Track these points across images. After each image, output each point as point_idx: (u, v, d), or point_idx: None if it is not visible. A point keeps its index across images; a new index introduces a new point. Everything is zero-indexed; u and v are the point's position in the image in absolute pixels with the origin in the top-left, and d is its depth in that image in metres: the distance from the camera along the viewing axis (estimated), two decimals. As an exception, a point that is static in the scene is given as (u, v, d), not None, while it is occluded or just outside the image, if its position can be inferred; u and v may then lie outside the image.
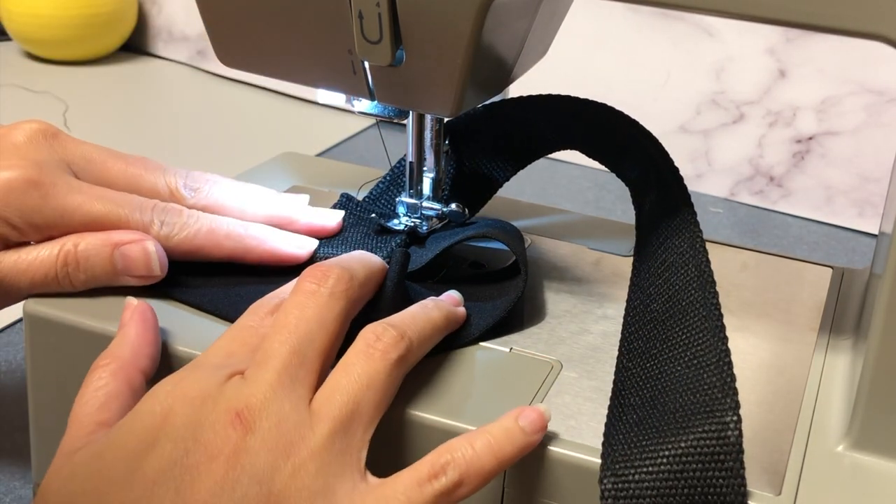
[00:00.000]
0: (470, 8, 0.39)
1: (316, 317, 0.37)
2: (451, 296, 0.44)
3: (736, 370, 0.42)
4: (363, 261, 0.41)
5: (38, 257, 0.43)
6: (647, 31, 0.91)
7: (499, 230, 0.47)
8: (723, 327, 0.38)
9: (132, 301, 0.41)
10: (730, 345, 0.44)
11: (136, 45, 1.22)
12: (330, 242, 0.48)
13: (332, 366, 0.37)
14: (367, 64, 0.44)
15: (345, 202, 0.51)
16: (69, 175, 0.45)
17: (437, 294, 0.44)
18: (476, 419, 0.38)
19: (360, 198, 0.51)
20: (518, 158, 0.51)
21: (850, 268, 0.52)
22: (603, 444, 0.36)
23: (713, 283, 0.40)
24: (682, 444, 0.35)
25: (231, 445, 0.34)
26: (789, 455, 0.37)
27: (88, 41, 1.15)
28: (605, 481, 0.35)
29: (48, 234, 0.43)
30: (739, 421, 0.35)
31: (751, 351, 0.44)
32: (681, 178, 0.46)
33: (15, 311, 0.46)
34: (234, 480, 0.33)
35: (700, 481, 0.34)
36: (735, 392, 0.36)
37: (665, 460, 0.35)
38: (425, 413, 0.38)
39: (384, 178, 0.52)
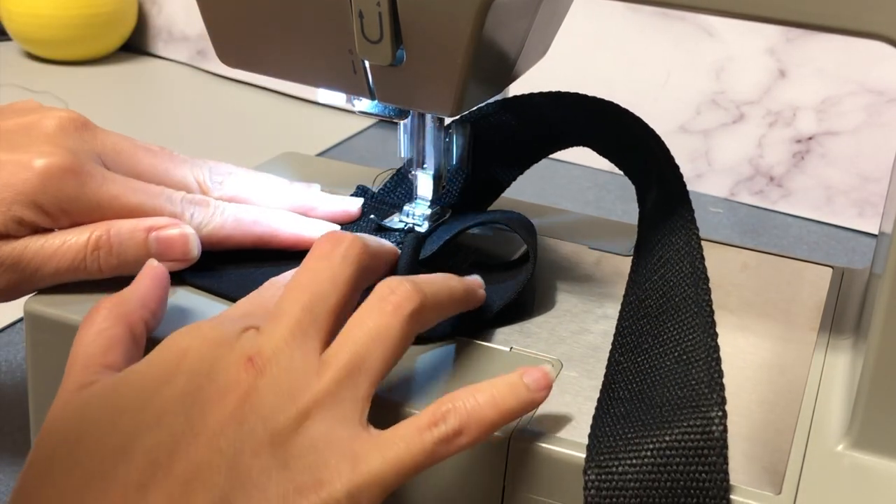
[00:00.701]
0: (470, 8, 0.39)
1: (328, 277, 0.38)
2: (475, 278, 0.44)
3: (736, 370, 0.42)
4: (376, 238, 0.43)
5: (66, 242, 0.43)
6: (647, 31, 0.91)
7: (509, 219, 0.48)
8: (713, 323, 0.38)
9: (153, 262, 0.42)
10: (730, 344, 0.44)
11: (136, 45, 1.22)
12: (348, 229, 0.49)
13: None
14: (367, 63, 0.44)
15: (360, 193, 0.52)
16: (101, 165, 0.45)
17: None
18: (476, 419, 0.38)
19: (375, 189, 0.53)
20: (528, 155, 0.52)
21: (850, 268, 0.52)
22: (589, 435, 0.36)
23: (706, 279, 0.41)
24: (667, 438, 0.35)
25: (243, 386, 0.35)
26: (789, 455, 0.37)
27: (88, 41, 1.15)
28: (588, 473, 0.35)
29: (79, 222, 0.44)
30: (724, 416, 0.35)
31: (751, 351, 0.44)
32: (681, 177, 0.46)
33: (15, 311, 0.46)
34: (241, 416, 0.34)
35: (683, 475, 0.34)
36: (721, 388, 0.36)
37: (649, 453, 0.35)
38: (425, 413, 0.38)
39: (398, 171, 0.53)
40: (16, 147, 0.43)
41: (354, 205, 0.51)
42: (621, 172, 0.51)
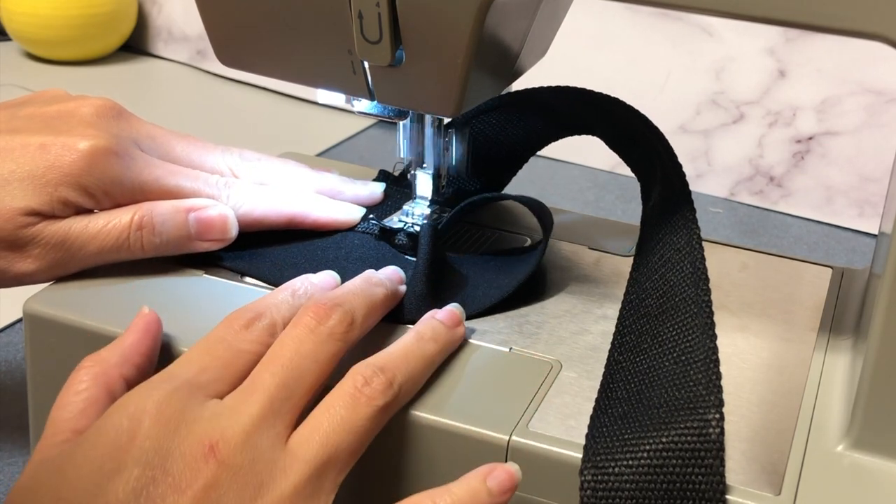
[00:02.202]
0: (470, 8, 0.39)
1: (311, 353, 0.37)
2: (453, 311, 0.43)
3: (736, 370, 0.42)
4: (366, 295, 0.41)
5: (109, 222, 0.44)
6: (647, 31, 0.91)
7: (524, 197, 0.50)
8: (712, 325, 0.38)
9: (144, 309, 0.41)
10: (730, 345, 0.44)
11: (136, 45, 1.22)
12: (374, 210, 0.51)
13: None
14: (366, 64, 0.44)
15: (382, 178, 0.54)
16: (140, 150, 0.46)
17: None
18: (476, 419, 0.38)
19: (396, 174, 0.54)
20: (538, 139, 0.53)
21: (850, 268, 0.52)
22: (586, 435, 0.36)
23: (706, 280, 0.41)
24: (664, 440, 0.35)
25: (202, 480, 0.33)
26: (789, 455, 0.37)
27: (88, 41, 1.15)
28: (584, 473, 0.35)
29: (121, 203, 0.45)
30: (721, 419, 0.35)
31: (751, 351, 0.44)
32: (683, 175, 0.46)
33: (15, 311, 0.46)
34: None
35: (679, 477, 0.34)
36: (719, 390, 0.36)
37: (645, 454, 0.35)
38: (425, 413, 0.38)
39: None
40: (58, 131, 0.44)
41: (380, 188, 0.52)
42: (621, 172, 0.51)
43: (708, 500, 0.34)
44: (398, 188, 0.53)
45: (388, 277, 0.43)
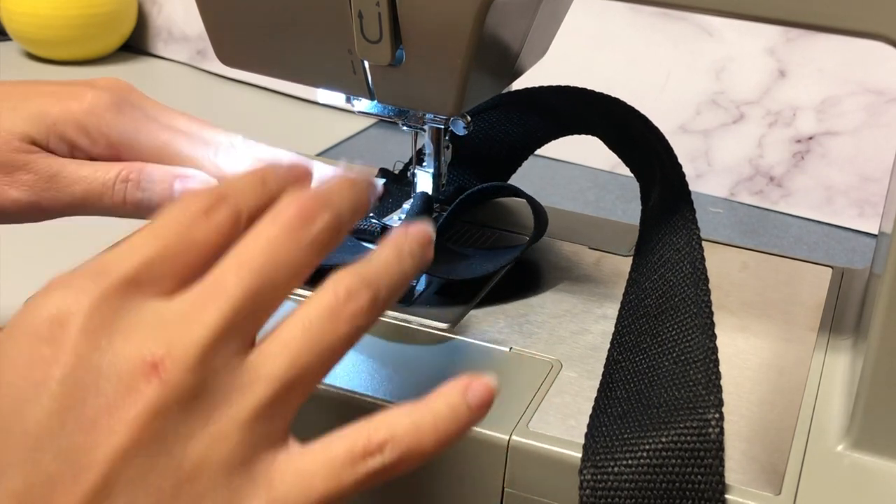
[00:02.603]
0: (470, 8, 0.39)
1: (288, 263, 0.30)
2: (425, 228, 0.34)
3: (736, 370, 0.42)
4: (355, 189, 0.33)
5: (99, 169, 0.45)
6: (647, 31, 0.91)
7: (519, 191, 0.50)
8: (712, 325, 0.38)
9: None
10: (730, 345, 0.44)
11: (136, 45, 1.22)
12: (374, 209, 0.51)
13: None
14: (367, 64, 0.44)
15: (381, 177, 0.54)
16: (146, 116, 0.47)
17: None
18: (476, 419, 0.38)
19: (396, 172, 0.54)
20: (537, 138, 0.53)
21: (850, 268, 0.52)
22: (586, 434, 0.36)
23: (706, 280, 0.41)
24: (663, 439, 0.35)
25: (141, 405, 0.27)
26: (789, 455, 0.37)
27: (88, 41, 1.15)
28: (584, 472, 0.35)
29: (117, 158, 0.45)
30: (721, 418, 0.35)
31: (751, 351, 0.44)
32: (683, 176, 0.46)
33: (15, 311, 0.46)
34: (138, 447, 0.27)
35: (679, 476, 0.34)
36: (719, 390, 0.36)
37: (645, 454, 0.35)
38: (425, 413, 0.38)
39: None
40: (71, 84, 0.46)
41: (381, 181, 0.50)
42: (621, 172, 0.51)
43: (707, 500, 0.34)
44: (398, 186, 0.53)
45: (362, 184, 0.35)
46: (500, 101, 0.52)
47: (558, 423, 0.38)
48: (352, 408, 0.39)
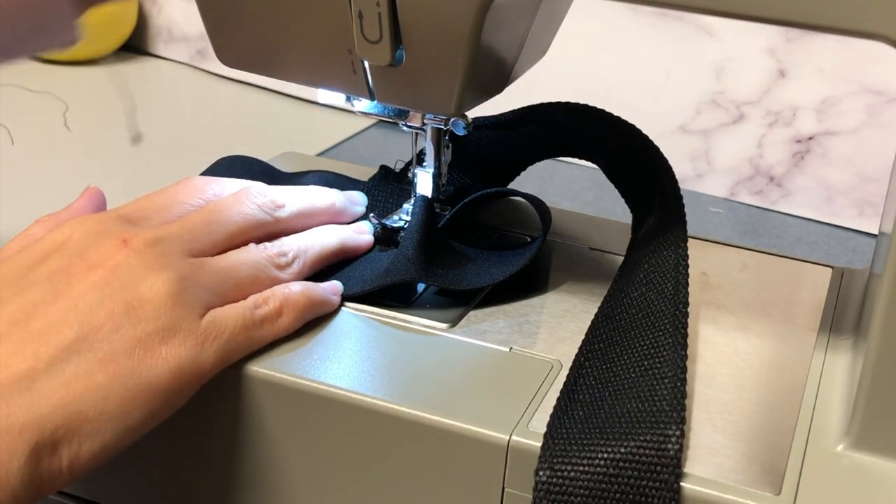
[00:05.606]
0: (470, 8, 0.39)
1: (242, 221, 0.43)
2: (361, 226, 0.49)
3: (736, 370, 0.42)
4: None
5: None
6: (647, 31, 0.91)
7: (523, 193, 0.50)
8: (685, 345, 0.39)
9: (91, 186, 0.46)
10: (730, 344, 0.44)
11: (136, 45, 1.22)
12: (375, 209, 0.51)
13: None
14: (367, 64, 0.44)
15: (383, 174, 0.54)
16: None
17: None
18: (476, 419, 0.38)
19: (397, 171, 0.54)
20: (539, 153, 0.53)
21: (850, 268, 0.52)
22: (545, 434, 0.36)
23: (686, 303, 0.41)
24: (622, 450, 0.35)
25: (112, 261, 0.38)
26: (789, 455, 0.37)
27: (88, 41, 1.14)
28: (540, 473, 0.35)
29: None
30: (682, 436, 0.35)
31: (751, 351, 0.44)
32: (681, 200, 0.46)
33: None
34: (104, 283, 0.37)
35: (634, 489, 0.34)
36: (683, 408, 0.36)
37: (602, 462, 0.35)
38: (424, 413, 0.38)
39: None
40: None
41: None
42: (622, 172, 0.51)
43: None
44: (399, 186, 0.53)
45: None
46: (512, 117, 0.51)
47: (558, 423, 0.38)
48: (352, 408, 0.39)
